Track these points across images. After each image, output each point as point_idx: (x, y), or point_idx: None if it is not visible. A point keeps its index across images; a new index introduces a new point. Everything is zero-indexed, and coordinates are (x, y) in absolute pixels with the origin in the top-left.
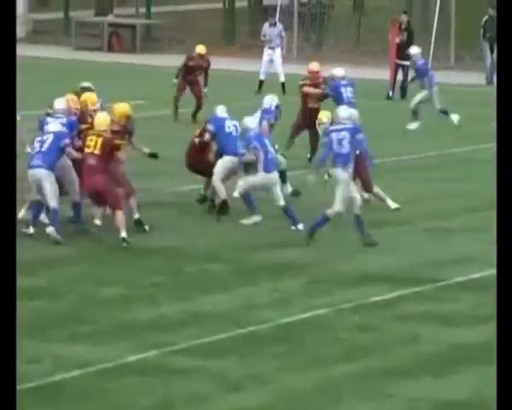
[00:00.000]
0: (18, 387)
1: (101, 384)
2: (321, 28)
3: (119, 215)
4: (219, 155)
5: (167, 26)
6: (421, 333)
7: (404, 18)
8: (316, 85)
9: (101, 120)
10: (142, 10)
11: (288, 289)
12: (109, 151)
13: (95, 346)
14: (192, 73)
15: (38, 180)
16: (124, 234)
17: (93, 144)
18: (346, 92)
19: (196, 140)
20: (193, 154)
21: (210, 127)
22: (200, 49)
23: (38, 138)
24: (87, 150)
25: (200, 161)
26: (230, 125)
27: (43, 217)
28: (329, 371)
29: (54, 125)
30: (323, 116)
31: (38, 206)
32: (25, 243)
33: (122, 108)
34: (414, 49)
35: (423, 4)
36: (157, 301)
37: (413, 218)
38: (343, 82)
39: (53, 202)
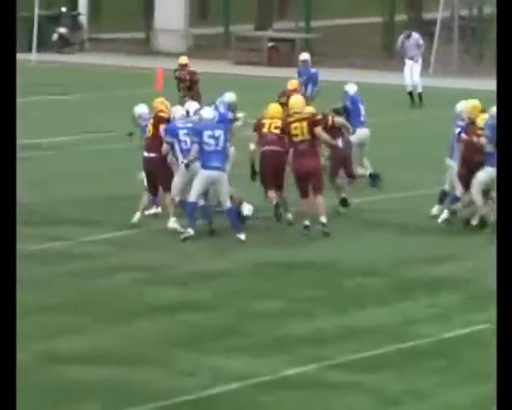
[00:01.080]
0: (175, 400)
1: (258, 398)
2: (482, 41)
3: (321, 200)
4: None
5: (326, 40)
6: None
7: None
8: None
9: (297, 103)
10: (302, 24)
11: (445, 305)
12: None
13: (252, 359)
14: (180, 86)
15: (215, 183)
16: (324, 220)
17: (299, 131)
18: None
19: None
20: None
21: None
22: (182, 59)
23: (210, 133)
24: (295, 139)
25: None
26: None
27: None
28: (488, 387)
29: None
30: None
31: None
32: (183, 256)
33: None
34: (304, 56)
35: None
36: (313, 315)
37: None
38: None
39: (228, 202)
